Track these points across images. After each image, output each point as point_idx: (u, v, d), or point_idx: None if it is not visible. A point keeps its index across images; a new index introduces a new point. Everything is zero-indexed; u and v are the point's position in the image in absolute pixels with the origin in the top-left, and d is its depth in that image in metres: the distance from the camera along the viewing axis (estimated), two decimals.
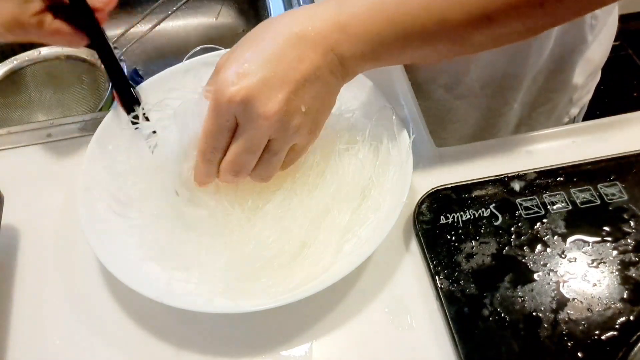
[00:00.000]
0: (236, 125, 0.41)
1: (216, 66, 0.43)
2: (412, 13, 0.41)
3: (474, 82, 0.70)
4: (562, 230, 0.49)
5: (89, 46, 0.51)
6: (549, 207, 0.50)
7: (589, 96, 0.79)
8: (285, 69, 0.40)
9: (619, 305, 0.44)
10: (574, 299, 0.45)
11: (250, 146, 0.42)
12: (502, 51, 0.66)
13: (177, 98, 0.49)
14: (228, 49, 0.58)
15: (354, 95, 0.55)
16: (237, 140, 0.42)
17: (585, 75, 0.73)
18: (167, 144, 0.52)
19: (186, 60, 0.59)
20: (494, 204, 0.51)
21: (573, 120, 0.79)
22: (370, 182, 0.50)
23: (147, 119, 0.52)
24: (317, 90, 0.41)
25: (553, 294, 0.45)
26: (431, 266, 0.47)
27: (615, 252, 0.47)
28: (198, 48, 0.59)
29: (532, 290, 0.45)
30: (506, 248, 0.48)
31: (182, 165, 0.50)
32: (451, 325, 0.44)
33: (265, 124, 0.40)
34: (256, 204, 0.48)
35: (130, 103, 0.52)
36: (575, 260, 0.47)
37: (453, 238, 0.49)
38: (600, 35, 0.71)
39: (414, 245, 0.50)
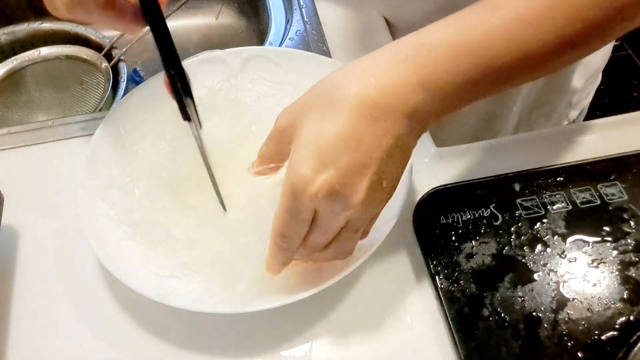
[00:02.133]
0: (316, 215, 0.38)
1: (278, 126, 0.39)
2: (497, 50, 0.36)
3: None
4: (562, 230, 0.49)
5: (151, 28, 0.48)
6: (549, 207, 0.50)
7: (589, 99, 0.79)
8: (365, 149, 0.35)
9: (619, 305, 0.44)
10: (574, 299, 0.45)
11: (331, 231, 0.39)
12: None
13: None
14: (224, 50, 0.59)
15: None
16: (316, 229, 0.39)
17: (584, 78, 0.73)
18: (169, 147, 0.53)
19: (186, 60, 0.59)
20: (494, 204, 0.51)
21: (573, 122, 0.79)
22: None
23: (195, 110, 0.50)
24: (398, 161, 0.37)
25: (553, 294, 0.45)
26: (431, 266, 0.47)
27: (615, 252, 0.47)
28: (198, 54, 0.59)
29: (532, 290, 0.45)
30: (506, 248, 0.48)
31: (183, 166, 0.50)
32: (451, 325, 0.44)
33: (348, 214, 0.37)
34: (256, 206, 0.48)
35: (183, 93, 0.50)
36: (575, 260, 0.47)
37: (453, 238, 0.49)
38: None
39: (414, 245, 0.50)
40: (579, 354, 0.42)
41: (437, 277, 0.46)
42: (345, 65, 0.38)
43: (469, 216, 0.50)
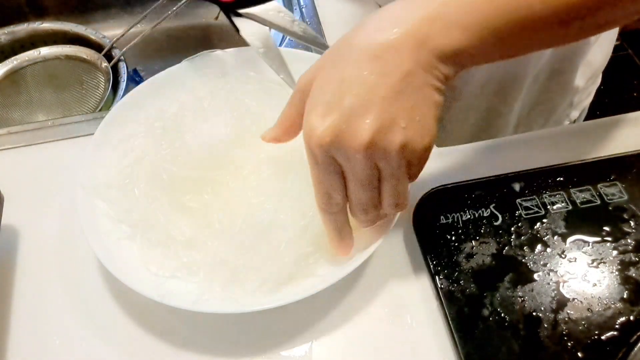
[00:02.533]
0: (341, 166, 0.38)
1: (297, 87, 0.40)
2: None
3: (475, 82, 0.70)
4: (562, 230, 0.49)
5: None
6: (549, 207, 0.50)
7: (589, 100, 0.79)
8: (369, 88, 0.35)
9: (619, 305, 0.44)
10: (574, 299, 0.45)
11: (363, 182, 0.38)
12: None
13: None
14: (224, 50, 0.59)
15: None
16: (349, 182, 0.38)
17: (586, 78, 0.73)
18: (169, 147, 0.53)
19: (186, 60, 0.59)
20: (494, 204, 0.51)
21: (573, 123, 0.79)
22: None
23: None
24: (414, 99, 0.36)
25: (553, 294, 0.45)
26: (431, 266, 0.47)
27: (615, 252, 0.47)
28: (198, 54, 0.59)
29: (532, 290, 0.45)
30: (506, 248, 0.48)
31: (183, 166, 0.50)
32: (451, 325, 0.44)
33: (361, 158, 0.36)
34: (255, 206, 0.48)
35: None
36: (575, 260, 0.47)
37: (453, 238, 0.49)
38: (601, 38, 0.71)
39: (414, 245, 0.50)
40: (579, 354, 0.42)
41: (437, 277, 0.46)
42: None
43: (469, 216, 0.50)
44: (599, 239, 0.48)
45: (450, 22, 0.35)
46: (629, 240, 0.48)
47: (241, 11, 0.55)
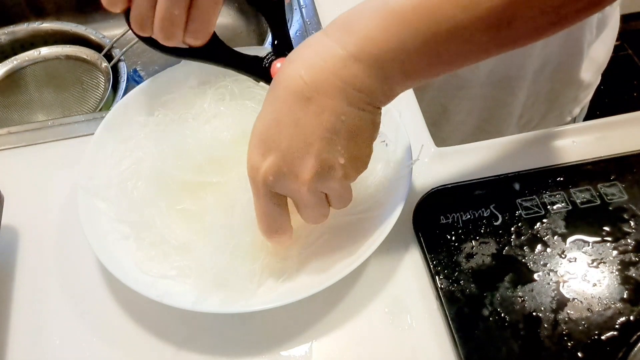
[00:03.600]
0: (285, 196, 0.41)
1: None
2: (435, 6, 0.35)
3: (480, 72, 0.70)
4: (562, 230, 0.49)
5: None
6: (549, 207, 0.50)
7: (589, 97, 0.79)
8: (304, 130, 0.37)
9: (619, 305, 0.44)
10: (574, 299, 0.45)
11: (309, 204, 0.41)
12: None
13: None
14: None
15: None
16: (297, 206, 0.41)
17: (591, 72, 0.74)
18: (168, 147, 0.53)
19: (186, 60, 0.59)
20: (494, 204, 0.51)
21: (574, 120, 0.80)
22: (370, 182, 0.50)
23: None
24: (349, 135, 0.37)
25: (553, 294, 0.45)
26: (431, 266, 0.47)
27: (615, 252, 0.47)
28: None
29: (532, 290, 0.45)
30: (506, 248, 0.48)
31: (182, 166, 0.50)
32: (451, 325, 0.44)
33: (305, 190, 0.38)
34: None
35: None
36: (575, 260, 0.47)
37: (453, 238, 0.49)
38: (603, 34, 0.71)
39: (414, 245, 0.50)
40: (579, 354, 0.42)
41: (437, 277, 0.46)
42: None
43: (469, 216, 0.50)
44: (599, 239, 0.48)
45: (373, 59, 0.36)
46: (629, 240, 0.48)
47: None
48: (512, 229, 0.49)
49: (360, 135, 0.38)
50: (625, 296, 0.45)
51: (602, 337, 0.43)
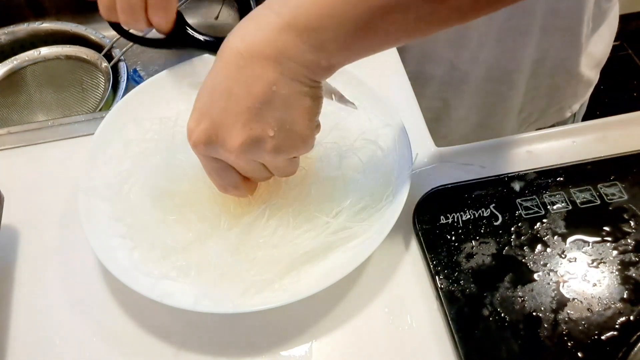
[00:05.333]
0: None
1: None
2: None
3: (481, 66, 0.70)
4: (562, 230, 0.49)
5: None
6: (549, 207, 0.50)
7: (589, 94, 0.80)
8: (236, 99, 0.37)
9: (619, 305, 0.44)
10: (574, 299, 0.45)
11: (246, 171, 0.42)
12: (506, 32, 0.67)
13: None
14: None
15: (351, 93, 0.55)
16: (238, 172, 0.42)
17: (590, 67, 0.74)
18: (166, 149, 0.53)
19: (186, 60, 0.59)
20: (494, 204, 0.51)
21: (574, 117, 0.80)
22: (370, 181, 0.50)
23: None
24: (282, 107, 0.37)
25: (553, 294, 0.45)
26: (431, 266, 0.47)
27: (615, 252, 0.47)
28: (199, 56, 0.59)
29: (532, 290, 0.45)
30: (506, 248, 0.48)
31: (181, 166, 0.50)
32: (451, 325, 0.44)
33: (234, 158, 0.40)
34: (254, 205, 0.48)
35: None
36: (575, 260, 0.47)
37: (453, 238, 0.49)
38: (600, 29, 0.71)
39: (414, 245, 0.50)
40: (579, 354, 0.42)
41: (437, 277, 0.46)
42: None
43: (469, 216, 0.50)
44: (599, 239, 0.48)
45: (307, 28, 0.35)
46: (629, 240, 0.48)
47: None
48: (512, 229, 0.49)
49: (295, 108, 0.38)
50: (625, 296, 0.45)
51: (602, 337, 0.43)
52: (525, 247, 0.48)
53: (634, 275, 0.46)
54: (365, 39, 0.37)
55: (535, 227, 0.49)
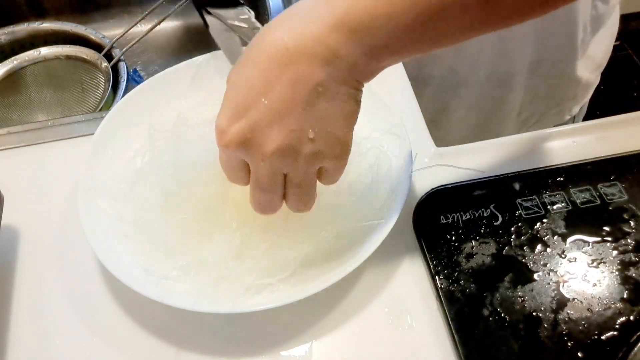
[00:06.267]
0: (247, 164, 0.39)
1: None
2: None
3: (480, 71, 0.70)
4: (562, 230, 0.49)
5: None
6: (549, 207, 0.50)
7: (589, 96, 0.79)
8: (277, 98, 0.34)
9: (619, 305, 0.44)
10: (574, 299, 0.45)
11: (263, 186, 0.39)
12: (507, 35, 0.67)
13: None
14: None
15: None
16: (251, 181, 0.39)
17: (589, 70, 0.74)
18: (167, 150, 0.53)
19: (186, 60, 0.59)
20: (494, 204, 0.51)
21: (573, 119, 0.80)
22: (371, 181, 0.50)
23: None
24: (324, 110, 0.35)
25: (553, 294, 0.45)
26: (431, 266, 0.47)
27: (615, 252, 0.47)
28: (200, 56, 0.59)
29: (532, 290, 0.45)
30: (506, 248, 0.48)
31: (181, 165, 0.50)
32: (451, 325, 0.44)
33: (266, 166, 0.37)
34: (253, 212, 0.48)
35: None
36: (575, 260, 0.47)
37: (453, 238, 0.49)
38: (600, 33, 0.71)
39: (414, 245, 0.50)
40: (579, 354, 0.42)
41: (437, 277, 0.46)
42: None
43: (469, 216, 0.50)
44: (599, 239, 0.48)
45: (361, 26, 0.34)
46: (629, 240, 0.48)
47: (211, 10, 0.56)
48: (512, 229, 0.49)
49: (338, 112, 0.36)
50: (625, 296, 0.45)
51: (602, 337, 0.43)
52: (525, 247, 0.48)
53: (634, 275, 0.46)
54: (417, 40, 0.35)
55: (535, 227, 0.49)
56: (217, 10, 0.56)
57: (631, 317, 0.43)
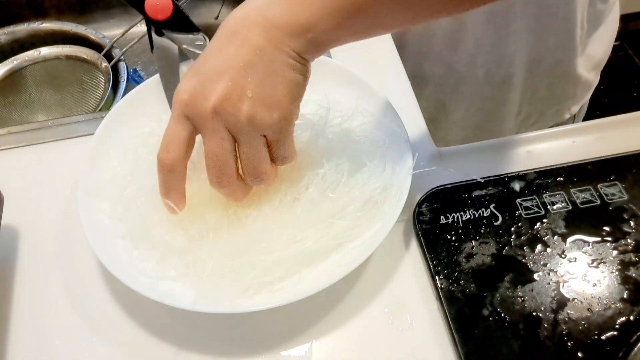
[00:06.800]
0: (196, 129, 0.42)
1: None
2: None
3: (479, 69, 0.70)
4: (562, 230, 0.49)
5: None
6: (549, 207, 0.50)
7: (588, 96, 0.79)
8: (223, 58, 0.39)
9: (619, 305, 0.44)
10: (574, 299, 0.45)
11: (215, 154, 0.41)
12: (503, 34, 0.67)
13: None
14: None
15: (351, 93, 0.55)
16: (205, 153, 0.42)
17: (588, 69, 0.74)
18: None
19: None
20: (494, 204, 0.51)
21: (573, 119, 0.80)
22: (370, 181, 0.50)
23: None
24: (264, 72, 0.39)
25: (553, 294, 0.45)
26: (431, 266, 0.47)
27: (615, 252, 0.47)
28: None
29: (532, 290, 0.45)
30: (506, 248, 0.48)
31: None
32: (451, 325, 0.44)
33: (209, 119, 0.40)
34: (255, 205, 0.48)
35: None
36: (575, 260, 0.47)
37: (453, 238, 0.49)
38: (599, 31, 0.71)
39: (414, 245, 0.50)
40: (579, 354, 0.42)
41: (437, 277, 0.46)
42: None
43: (469, 216, 0.50)
44: (599, 239, 0.48)
45: (295, 2, 0.38)
46: (629, 240, 0.48)
47: (166, 33, 0.57)
48: (512, 229, 0.49)
49: (277, 77, 0.40)
50: (625, 296, 0.45)
51: (602, 337, 0.43)
52: (525, 247, 0.48)
53: (634, 275, 0.46)
54: (354, 18, 0.39)
55: (535, 227, 0.49)
56: (172, 34, 0.57)
57: (631, 317, 0.43)
